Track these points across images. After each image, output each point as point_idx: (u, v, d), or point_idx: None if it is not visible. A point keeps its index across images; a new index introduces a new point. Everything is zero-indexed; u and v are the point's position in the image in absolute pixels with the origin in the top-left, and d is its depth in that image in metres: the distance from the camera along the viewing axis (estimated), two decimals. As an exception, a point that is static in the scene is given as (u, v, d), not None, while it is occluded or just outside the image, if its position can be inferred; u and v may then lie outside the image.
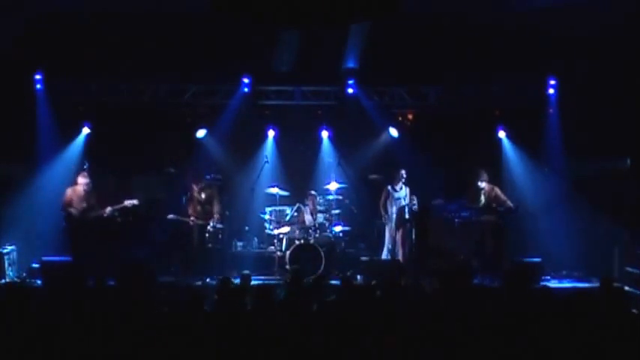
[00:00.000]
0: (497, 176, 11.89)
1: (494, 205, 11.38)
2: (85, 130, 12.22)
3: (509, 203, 11.38)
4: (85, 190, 10.91)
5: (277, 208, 12.10)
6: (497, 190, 11.49)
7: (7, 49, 11.06)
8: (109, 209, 10.95)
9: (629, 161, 11.93)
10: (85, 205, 10.90)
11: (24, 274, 11.12)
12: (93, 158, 11.77)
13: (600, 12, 10.46)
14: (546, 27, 11.05)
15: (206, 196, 11.49)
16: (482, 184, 11.47)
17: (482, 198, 11.47)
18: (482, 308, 5.97)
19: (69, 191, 10.94)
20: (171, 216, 11.37)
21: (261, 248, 12.34)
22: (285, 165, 12.80)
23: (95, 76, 12.08)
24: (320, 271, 10.95)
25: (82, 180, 10.94)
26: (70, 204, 10.87)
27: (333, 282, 10.44)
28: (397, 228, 11.72)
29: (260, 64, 12.10)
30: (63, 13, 10.79)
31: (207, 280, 10.64)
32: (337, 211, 12.03)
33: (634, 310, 6.35)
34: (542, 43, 11.41)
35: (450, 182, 12.49)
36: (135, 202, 11.03)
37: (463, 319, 5.59)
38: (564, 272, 11.40)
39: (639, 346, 5.32)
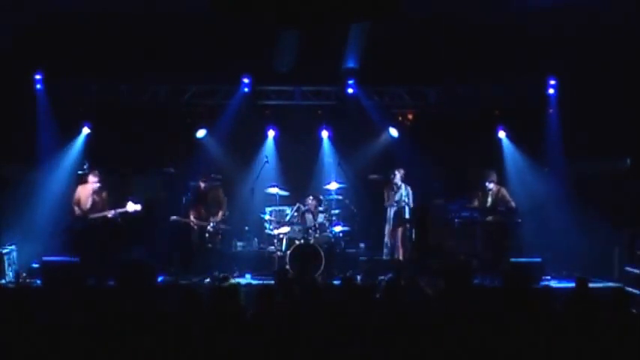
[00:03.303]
0: (498, 176, 11.88)
1: (498, 205, 11.39)
2: (85, 130, 12.23)
3: (512, 203, 11.39)
4: (93, 190, 10.93)
5: (277, 208, 12.09)
6: (504, 191, 11.50)
7: (7, 49, 11.06)
8: (112, 212, 10.93)
9: (629, 161, 11.93)
10: (89, 205, 10.91)
11: (24, 274, 11.12)
12: (93, 158, 11.77)
13: (600, 12, 10.46)
14: (546, 27, 11.05)
15: (211, 197, 11.48)
16: (491, 185, 11.47)
17: (490, 199, 11.48)
18: (482, 308, 5.96)
19: (79, 189, 11.02)
20: (173, 218, 11.36)
21: (261, 248, 12.32)
22: (285, 165, 12.80)
23: (95, 76, 12.08)
24: (320, 271, 10.97)
25: (92, 179, 10.97)
26: (77, 202, 10.92)
27: (333, 282, 10.47)
28: (396, 227, 11.73)
29: (260, 64, 12.10)
30: (63, 13, 10.79)
31: (207, 280, 10.63)
32: (337, 211, 12.03)
33: (634, 310, 6.35)
34: (542, 43, 11.41)
35: (450, 182, 12.49)
36: (138, 207, 10.98)
37: (463, 319, 5.59)
38: (564, 272, 11.39)
39: (639, 346, 5.32)
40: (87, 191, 10.96)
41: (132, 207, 10.94)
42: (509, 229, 11.44)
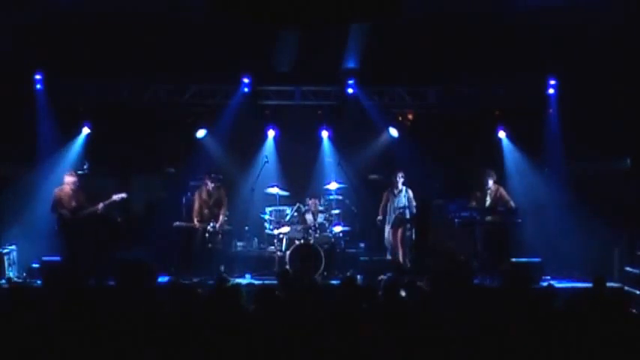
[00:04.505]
0: (498, 176, 11.89)
1: (497, 205, 11.39)
2: (85, 130, 12.24)
3: (512, 203, 11.39)
4: (72, 189, 10.87)
5: (277, 208, 12.09)
6: (502, 191, 11.50)
7: (7, 49, 11.06)
8: (100, 205, 10.90)
9: (629, 161, 11.94)
10: (74, 204, 10.85)
11: (24, 274, 11.12)
12: (93, 158, 11.77)
13: (600, 12, 10.46)
14: (546, 27, 11.05)
15: (214, 199, 11.47)
16: (489, 185, 11.47)
17: (488, 199, 11.48)
18: (482, 308, 5.96)
19: (56, 191, 10.88)
20: (177, 223, 11.36)
21: (261, 248, 12.33)
22: (285, 165, 12.80)
23: (95, 76, 12.08)
24: (320, 271, 10.97)
25: (69, 179, 10.88)
26: (59, 204, 10.82)
27: (333, 282, 10.47)
28: (396, 228, 11.73)
29: (260, 64, 12.10)
30: (63, 13, 10.79)
31: (207, 280, 10.62)
32: (337, 211, 12.03)
33: (634, 310, 6.34)
34: (542, 43, 11.41)
35: (450, 182, 12.50)
36: (123, 195, 10.97)
37: (463, 319, 5.59)
38: (564, 272, 11.40)
39: (639, 346, 5.32)
40: (67, 192, 10.88)
41: (117, 196, 10.93)
42: (509, 229, 11.44)
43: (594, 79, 11.63)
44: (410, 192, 11.75)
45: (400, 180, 11.71)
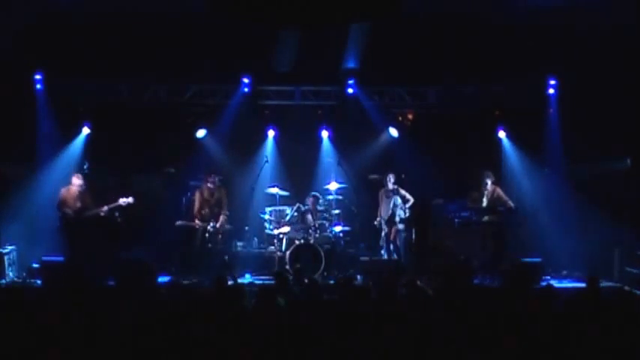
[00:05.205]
0: (498, 176, 11.90)
1: (496, 205, 11.39)
2: (85, 130, 12.25)
3: (511, 203, 11.39)
4: (79, 191, 10.93)
5: (277, 208, 12.09)
6: (500, 191, 11.50)
7: (7, 49, 11.06)
8: (105, 208, 10.94)
9: (629, 161, 11.93)
10: (79, 204, 10.90)
11: (24, 274, 11.12)
12: (93, 158, 11.78)
13: (600, 12, 10.46)
14: (546, 27, 11.05)
15: (215, 198, 11.49)
16: (487, 186, 11.47)
17: (485, 199, 11.47)
18: (482, 308, 5.97)
19: (63, 191, 10.96)
20: (179, 222, 11.38)
21: (261, 248, 12.33)
22: (285, 165, 12.80)
23: (95, 76, 12.08)
24: (320, 271, 10.96)
25: (77, 181, 10.96)
26: (64, 204, 10.87)
27: (333, 282, 10.47)
28: (389, 229, 11.73)
29: (260, 64, 12.10)
30: (63, 13, 10.79)
31: (205, 279, 10.62)
32: (337, 211, 12.03)
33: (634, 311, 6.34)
34: (542, 43, 11.41)
35: (450, 182, 12.49)
36: (130, 200, 11.00)
37: (463, 319, 5.59)
38: (564, 272, 11.41)
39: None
40: (72, 193, 10.93)
41: (124, 200, 10.96)
42: (509, 229, 11.45)
43: (594, 79, 11.62)
44: (402, 191, 11.73)
45: (390, 182, 11.72)
